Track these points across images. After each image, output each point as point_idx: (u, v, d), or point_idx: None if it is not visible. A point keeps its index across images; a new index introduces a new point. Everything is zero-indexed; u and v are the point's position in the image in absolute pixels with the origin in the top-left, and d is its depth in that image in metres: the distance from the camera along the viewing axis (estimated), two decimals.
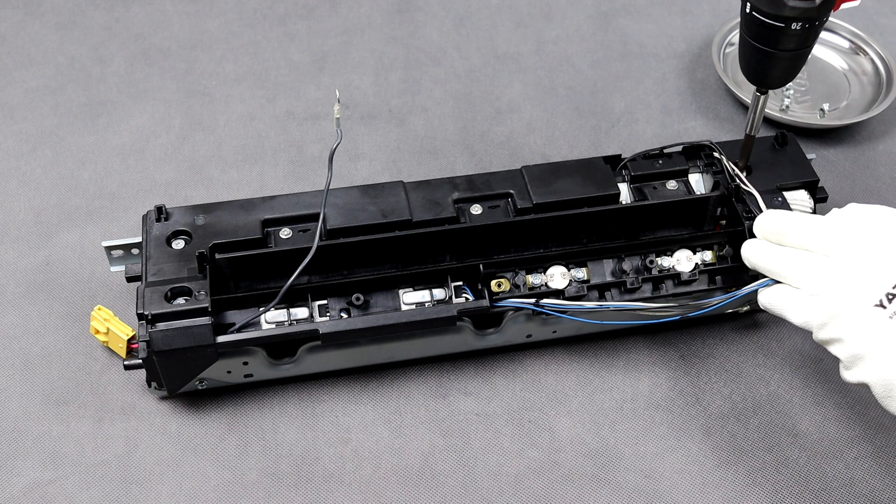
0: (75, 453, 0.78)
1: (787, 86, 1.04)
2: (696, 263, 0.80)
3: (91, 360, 0.83)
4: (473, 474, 0.77)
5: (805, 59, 0.75)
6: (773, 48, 0.72)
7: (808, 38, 0.72)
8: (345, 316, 0.77)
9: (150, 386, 0.78)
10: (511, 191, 0.82)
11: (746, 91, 1.04)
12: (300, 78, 1.07)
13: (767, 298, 0.73)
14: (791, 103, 1.03)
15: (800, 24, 0.70)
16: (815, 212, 0.85)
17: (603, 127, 1.03)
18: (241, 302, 0.77)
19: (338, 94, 0.76)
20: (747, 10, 0.72)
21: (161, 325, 0.73)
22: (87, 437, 0.78)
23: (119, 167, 0.98)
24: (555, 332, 0.82)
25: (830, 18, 1.09)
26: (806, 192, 0.84)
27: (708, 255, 0.81)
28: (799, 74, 1.06)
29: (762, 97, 0.79)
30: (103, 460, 0.77)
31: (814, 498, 0.76)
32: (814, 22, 0.70)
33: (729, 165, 0.82)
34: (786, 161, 0.85)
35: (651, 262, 0.79)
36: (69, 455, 0.77)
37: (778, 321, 0.86)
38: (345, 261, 0.79)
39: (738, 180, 0.81)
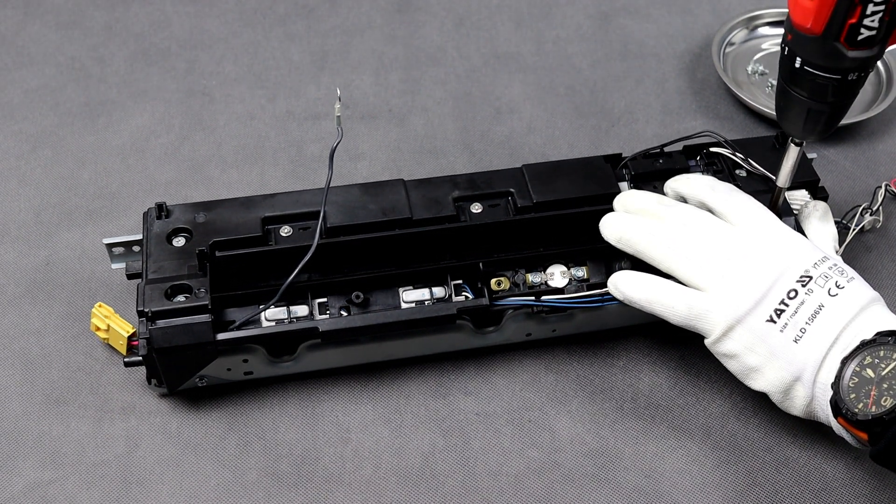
0: (75, 453, 0.77)
1: None
2: None
3: (91, 360, 0.83)
4: (473, 474, 0.77)
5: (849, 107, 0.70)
6: (824, 100, 0.67)
7: (859, 86, 0.67)
8: (344, 314, 0.77)
9: (150, 383, 0.78)
10: (511, 189, 0.81)
11: (746, 91, 1.04)
12: (300, 78, 1.07)
13: (640, 290, 0.74)
14: None
15: (856, 73, 0.65)
16: None
17: (603, 126, 1.03)
18: (241, 300, 0.77)
19: (338, 92, 0.76)
20: (796, 65, 0.66)
21: (161, 323, 0.73)
22: (87, 437, 0.78)
23: (119, 167, 0.98)
24: (555, 330, 0.82)
25: None
26: (806, 192, 0.84)
27: None
28: None
29: (799, 148, 0.74)
30: (103, 460, 0.77)
31: (814, 498, 0.76)
32: (870, 69, 0.66)
33: (733, 154, 0.83)
34: None
35: None
36: (69, 455, 0.77)
37: None
38: (345, 259, 0.79)
39: (745, 167, 0.82)
